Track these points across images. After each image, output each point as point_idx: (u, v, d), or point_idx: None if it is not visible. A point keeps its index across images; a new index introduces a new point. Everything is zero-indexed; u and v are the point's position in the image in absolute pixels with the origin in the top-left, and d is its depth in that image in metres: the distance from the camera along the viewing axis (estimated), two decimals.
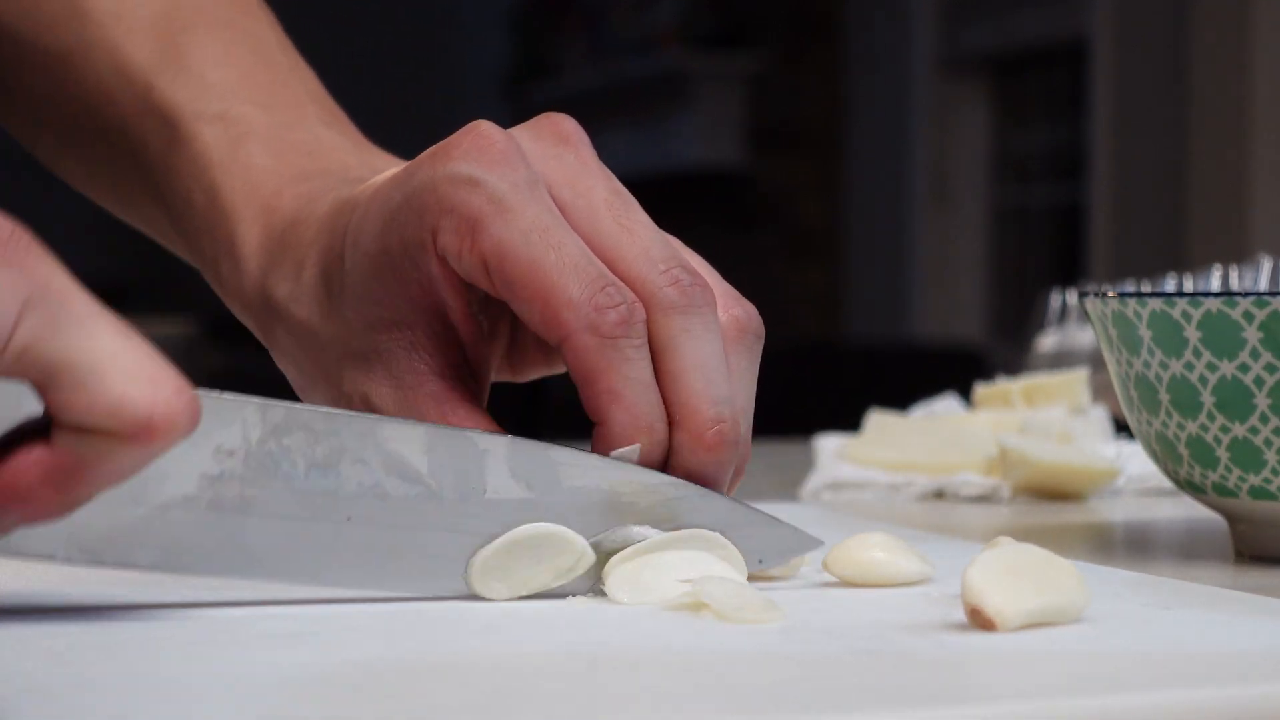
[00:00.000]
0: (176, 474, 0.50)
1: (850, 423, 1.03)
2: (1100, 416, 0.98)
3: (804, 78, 5.00)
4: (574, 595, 0.54)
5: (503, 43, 6.28)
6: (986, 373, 1.26)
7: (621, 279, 0.56)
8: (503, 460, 0.53)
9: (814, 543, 0.57)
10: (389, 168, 0.66)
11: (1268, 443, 0.65)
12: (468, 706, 0.40)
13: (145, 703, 0.40)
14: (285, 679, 0.42)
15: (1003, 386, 1.02)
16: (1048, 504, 0.89)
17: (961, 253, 4.65)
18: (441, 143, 0.57)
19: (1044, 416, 0.96)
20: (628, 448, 0.55)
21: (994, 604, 0.48)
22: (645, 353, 0.55)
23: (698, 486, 0.56)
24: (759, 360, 0.58)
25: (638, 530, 0.55)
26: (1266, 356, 0.64)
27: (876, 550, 0.56)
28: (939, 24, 4.62)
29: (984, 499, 0.90)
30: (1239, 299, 0.64)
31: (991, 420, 0.97)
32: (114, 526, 0.50)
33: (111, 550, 0.50)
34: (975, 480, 0.90)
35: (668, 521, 0.55)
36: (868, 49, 4.87)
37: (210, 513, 0.51)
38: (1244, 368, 0.64)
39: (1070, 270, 4.08)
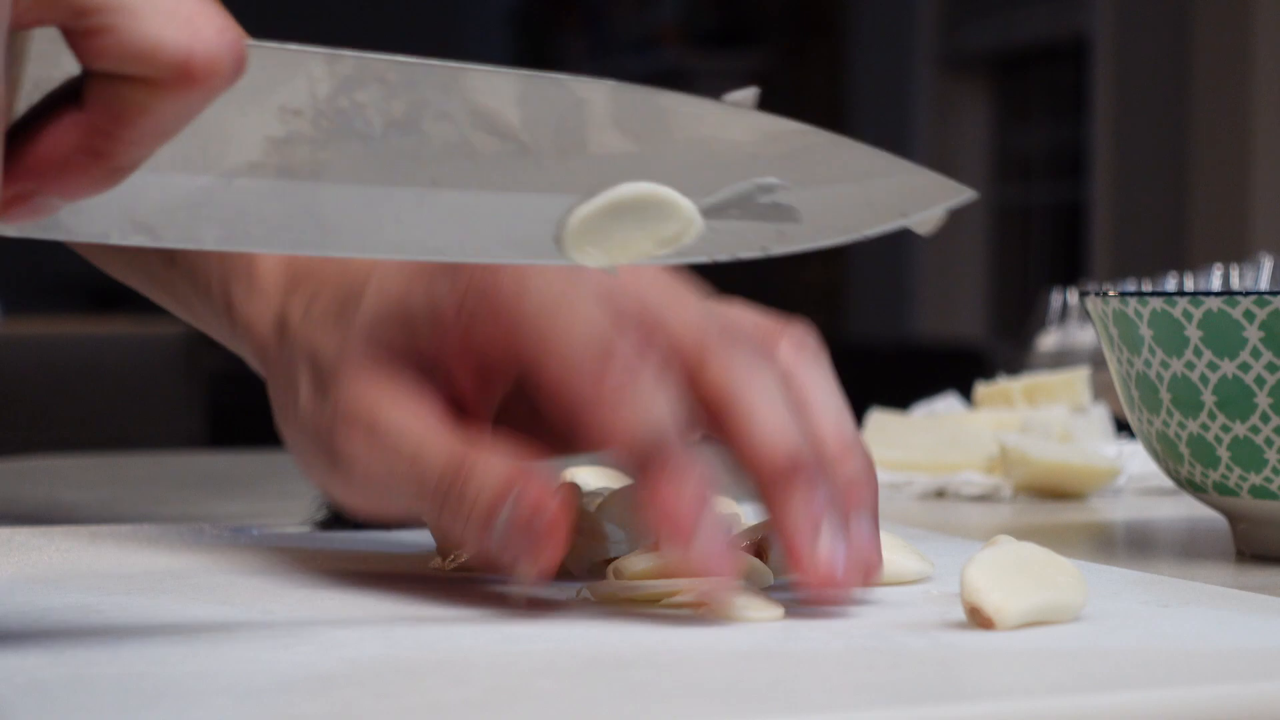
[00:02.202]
0: (239, 138, 0.44)
1: None
2: (1101, 415, 0.98)
3: (805, 76, 5.00)
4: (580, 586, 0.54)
5: (504, 41, 6.28)
6: (987, 371, 1.26)
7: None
8: (605, 109, 0.47)
9: (961, 191, 0.50)
10: None
11: (1269, 442, 0.65)
12: (466, 705, 0.40)
13: (145, 702, 0.40)
14: (284, 678, 0.42)
15: (1004, 385, 1.02)
16: (1049, 503, 0.88)
17: (962, 251, 4.65)
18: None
19: (1045, 415, 0.96)
20: (744, 91, 0.50)
21: (993, 602, 0.48)
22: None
23: (827, 133, 0.49)
24: (828, 368, 0.55)
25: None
26: (1267, 356, 0.64)
27: None
28: (940, 22, 4.62)
29: (985, 498, 0.90)
30: (1240, 298, 0.64)
31: (992, 419, 0.97)
32: (173, 199, 0.44)
33: (171, 226, 0.45)
34: (976, 479, 0.90)
35: (795, 173, 0.48)
36: (869, 47, 4.87)
37: (279, 180, 0.45)
38: (1245, 367, 0.64)
39: (1071, 269, 4.08)
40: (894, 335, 4.67)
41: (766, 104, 0.49)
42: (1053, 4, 4.21)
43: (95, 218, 0.44)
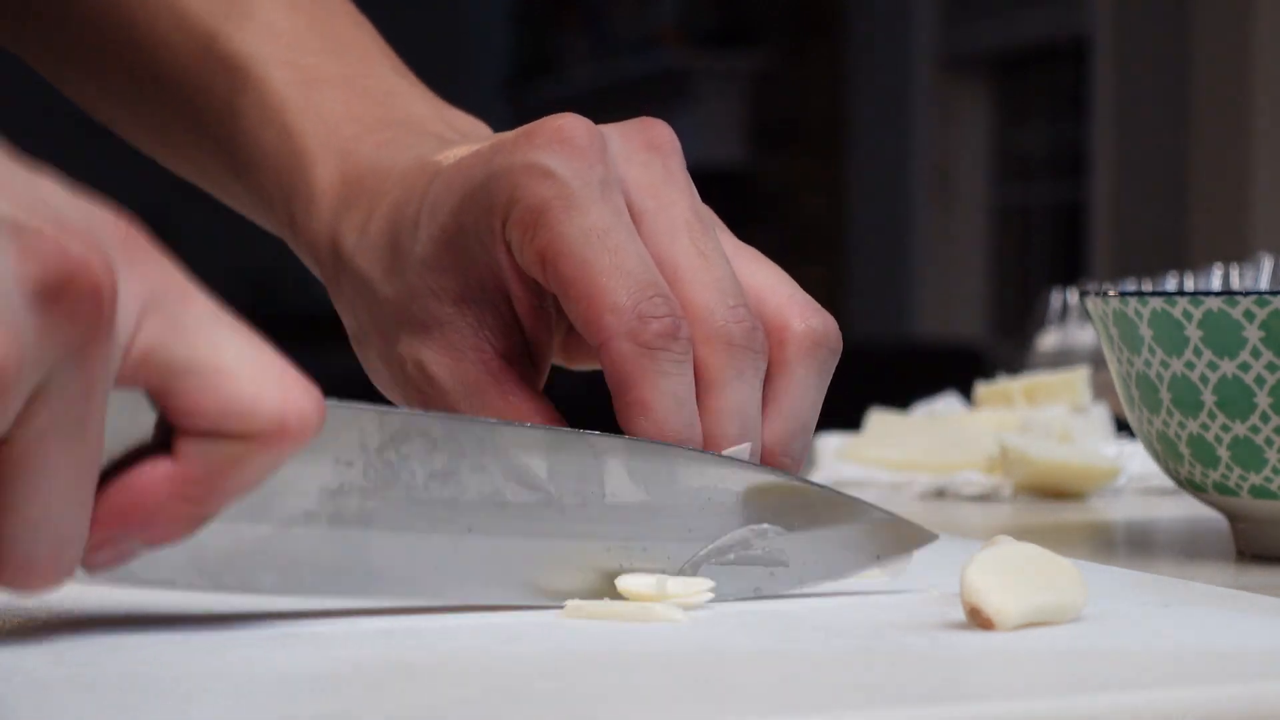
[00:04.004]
0: (296, 488, 0.48)
1: (851, 421, 1.03)
2: (1101, 415, 0.98)
3: (805, 75, 5.00)
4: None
5: (504, 41, 6.28)
6: (987, 371, 1.26)
7: (683, 302, 0.55)
8: (620, 462, 0.52)
9: (929, 536, 0.55)
10: (464, 124, 0.65)
11: (1269, 441, 0.65)
12: (465, 705, 0.40)
13: (145, 702, 0.40)
14: (284, 678, 0.42)
15: (1004, 385, 1.02)
16: (1049, 503, 0.88)
17: (963, 251, 4.65)
18: (528, 125, 0.56)
19: (1045, 415, 0.96)
20: (739, 447, 0.54)
21: (993, 603, 0.48)
22: (686, 369, 0.54)
23: (818, 484, 0.55)
24: (830, 375, 0.57)
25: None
26: (1267, 355, 0.64)
27: None
28: (940, 22, 4.62)
29: (985, 498, 0.90)
30: (1240, 298, 0.64)
31: (992, 419, 0.97)
32: (235, 547, 0.48)
33: (233, 573, 0.48)
34: (976, 479, 0.90)
35: (783, 519, 0.54)
36: (869, 47, 4.87)
37: (331, 528, 0.49)
38: (1245, 366, 0.64)
39: (1071, 269, 4.08)
40: (894, 335, 4.66)
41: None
42: (1053, 4, 4.21)
43: (163, 565, 0.47)
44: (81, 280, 0.39)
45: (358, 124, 0.64)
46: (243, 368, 0.43)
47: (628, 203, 0.56)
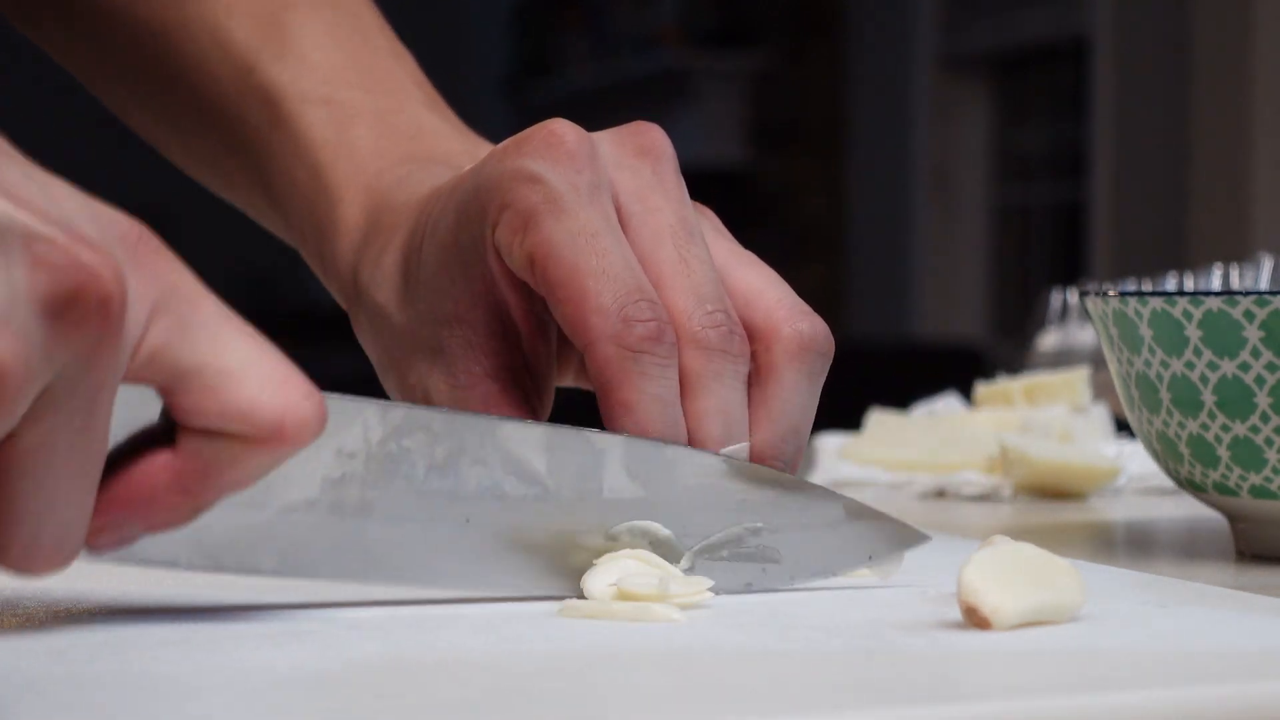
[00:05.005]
0: (299, 477, 0.50)
1: (851, 421, 1.03)
2: (1101, 415, 0.98)
3: (805, 76, 5.00)
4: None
5: (504, 41, 6.28)
6: (987, 371, 1.26)
7: (664, 306, 0.55)
8: (618, 459, 0.53)
9: (921, 538, 0.57)
10: None
11: (1269, 442, 0.65)
12: (465, 705, 0.40)
13: (143, 701, 0.40)
14: (282, 678, 0.42)
15: (1004, 385, 1.02)
16: (1049, 503, 0.88)
17: (962, 251, 4.65)
18: (517, 135, 0.57)
19: (1045, 415, 0.96)
20: (737, 445, 0.55)
21: (990, 602, 0.48)
22: (670, 372, 0.55)
23: (810, 483, 0.56)
24: (822, 378, 0.57)
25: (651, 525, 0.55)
26: (1267, 355, 0.64)
27: None
28: (940, 22, 4.62)
29: (985, 498, 0.90)
30: (1240, 298, 0.64)
31: (992, 419, 0.97)
32: (236, 531, 0.49)
33: (233, 555, 0.50)
34: (976, 479, 0.90)
35: (777, 518, 0.55)
36: (869, 47, 4.87)
37: (331, 515, 0.50)
38: (1245, 366, 0.64)
39: (1071, 269, 4.08)
40: (894, 335, 4.66)
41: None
42: (1053, 4, 4.21)
43: (168, 546, 0.49)
44: (91, 291, 0.40)
45: (384, 159, 0.66)
46: (246, 371, 0.44)
47: (617, 207, 0.56)
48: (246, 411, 0.44)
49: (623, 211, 0.57)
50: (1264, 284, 1.22)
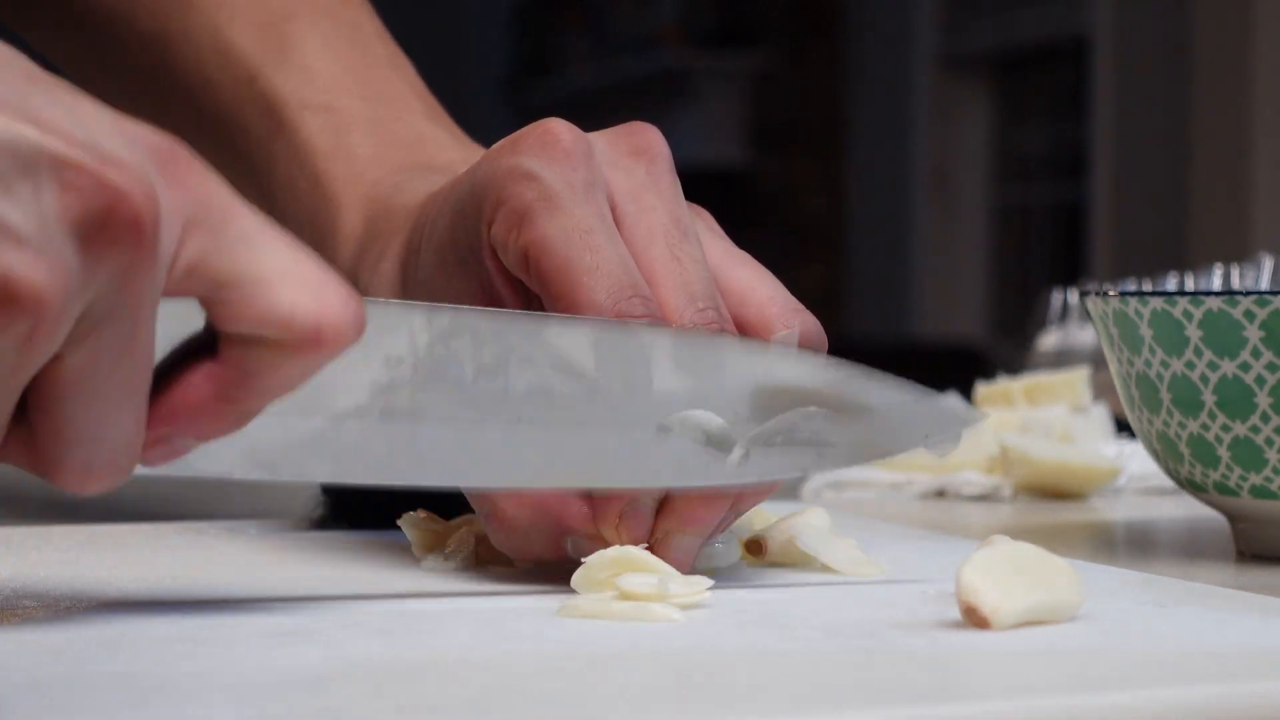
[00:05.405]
0: (348, 385, 0.50)
1: None
2: (1101, 415, 0.98)
3: (805, 76, 5.00)
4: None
5: (504, 41, 6.28)
6: (987, 371, 1.26)
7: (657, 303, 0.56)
8: (667, 352, 0.54)
9: (977, 416, 0.57)
10: None
11: (1269, 442, 0.65)
12: (464, 705, 0.40)
13: (142, 701, 0.40)
14: (281, 677, 0.42)
15: (1004, 385, 1.01)
16: (1049, 503, 0.88)
17: (963, 251, 4.65)
18: (512, 135, 0.57)
19: (1045, 415, 0.96)
20: (786, 332, 0.56)
21: (989, 602, 0.48)
22: None
23: (862, 367, 0.56)
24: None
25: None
26: (1268, 355, 0.64)
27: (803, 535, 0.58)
28: (940, 22, 4.62)
29: (985, 498, 0.90)
30: (1240, 298, 0.64)
31: (993, 419, 0.97)
32: (289, 440, 0.50)
33: (287, 463, 0.50)
34: (976, 479, 0.90)
35: (830, 403, 0.55)
36: (869, 47, 4.87)
37: (382, 420, 0.51)
38: (1245, 366, 0.64)
39: (1071, 269, 4.08)
40: (894, 334, 4.67)
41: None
42: (1053, 4, 4.21)
43: (220, 456, 0.49)
44: (123, 212, 0.41)
45: (383, 167, 0.66)
46: (283, 278, 0.44)
47: (612, 206, 0.57)
48: (284, 317, 0.44)
49: (617, 210, 0.57)
50: (1264, 284, 1.22)
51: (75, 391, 0.43)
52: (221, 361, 0.45)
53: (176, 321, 0.45)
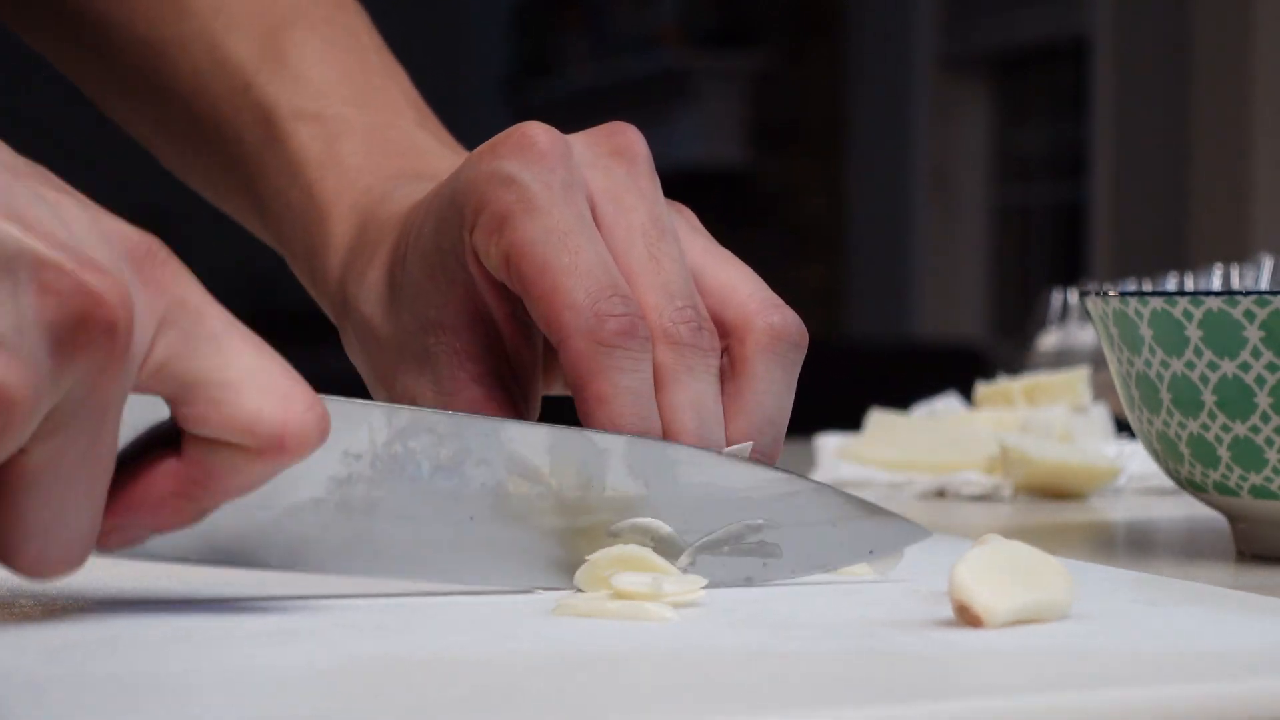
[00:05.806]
0: (306, 477, 0.51)
1: (851, 421, 1.03)
2: (1101, 415, 0.98)
3: (805, 76, 5.00)
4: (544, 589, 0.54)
5: (504, 41, 6.28)
6: (987, 371, 1.26)
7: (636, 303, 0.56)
8: (621, 458, 0.54)
9: (923, 533, 0.57)
10: None
11: (1269, 442, 0.65)
12: (458, 704, 0.40)
13: (141, 700, 0.40)
14: (279, 677, 0.42)
15: (1004, 385, 1.01)
16: (1049, 503, 0.88)
17: (963, 251, 4.65)
18: (491, 140, 0.58)
19: (1045, 415, 0.96)
20: (739, 445, 0.56)
21: (981, 601, 0.48)
22: (644, 365, 0.55)
23: (812, 480, 0.56)
24: (796, 370, 0.58)
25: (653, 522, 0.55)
26: (1268, 355, 0.64)
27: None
28: (940, 22, 4.61)
29: (985, 498, 0.90)
30: (1240, 298, 0.64)
31: (992, 419, 0.97)
32: (244, 529, 0.51)
33: (241, 552, 0.51)
34: (976, 479, 0.90)
35: (778, 514, 0.56)
36: (869, 47, 4.87)
37: (338, 514, 0.52)
38: (1245, 366, 0.64)
39: (1071, 269, 4.08)
40: (894, 335, 4.66)
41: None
42: (1053, 4, 4.21)
43: (177, 543, 0.50)
44: (99, 317, 0.42)
45: (373, 175, 0.67)
46: (249, 383, 0.45)
47: (591, 207, 0.57)
48: (248, 424, 0.45)
49: (597, 211, 0.57)
50: (1264, 284, 1.22)
51: (36, 484, 0.43)
52: (184, 460, 0.46)
53: (141, 409, 0.46)
